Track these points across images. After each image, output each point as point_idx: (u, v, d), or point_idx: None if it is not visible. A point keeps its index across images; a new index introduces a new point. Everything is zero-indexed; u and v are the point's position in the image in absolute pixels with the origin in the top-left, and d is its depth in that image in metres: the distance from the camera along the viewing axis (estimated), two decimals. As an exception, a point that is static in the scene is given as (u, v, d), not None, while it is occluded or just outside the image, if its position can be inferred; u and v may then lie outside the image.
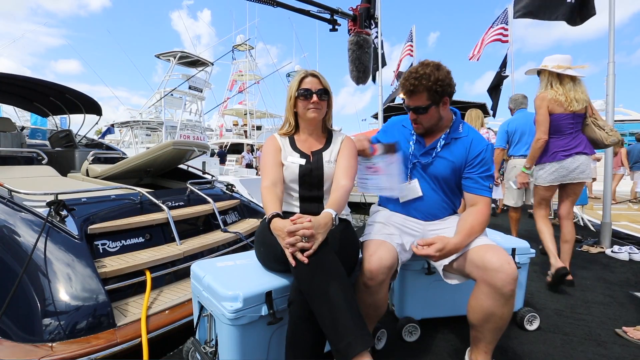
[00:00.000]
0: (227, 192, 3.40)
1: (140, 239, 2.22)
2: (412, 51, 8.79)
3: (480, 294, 1.36)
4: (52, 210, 1.93)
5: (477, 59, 9.09)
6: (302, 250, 1.22)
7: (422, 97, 1.53)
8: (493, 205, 6.69)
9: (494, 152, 3.68)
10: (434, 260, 1.42)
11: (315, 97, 1.54)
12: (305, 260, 1.20)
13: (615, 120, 4.02)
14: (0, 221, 1.91)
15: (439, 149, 1.61)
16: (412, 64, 9.80)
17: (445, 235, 1.48)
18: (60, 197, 2.03)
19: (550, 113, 2.53)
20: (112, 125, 15.27)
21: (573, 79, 2.53)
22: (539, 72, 2.68)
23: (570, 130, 2.54)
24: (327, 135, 1.68)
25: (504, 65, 8.93)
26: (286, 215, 1.35)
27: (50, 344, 1.51)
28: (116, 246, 2.09)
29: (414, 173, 1.66)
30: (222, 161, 14.41)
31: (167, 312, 1.84)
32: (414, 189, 1.65)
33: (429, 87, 1.49)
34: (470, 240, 1.45)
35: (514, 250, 1.93)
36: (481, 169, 1.57)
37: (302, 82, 1.56)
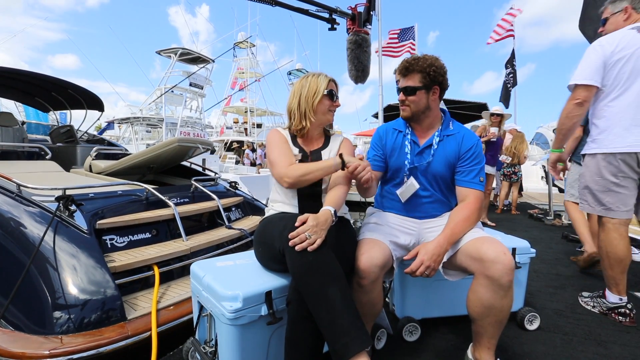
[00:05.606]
0: (230, 189, 3.43)
1: (147, 235, 2.24)
2: (413, 49, 8.80)
3: (478, 286, 1.38)
4: (61, 205, 1.95)
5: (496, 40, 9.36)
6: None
7: (414, 78, 1.59)
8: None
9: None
10: (432, 271, 1.43)
11: (338, 101, 1.66)
12: (310, 248, 1.21)
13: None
14: (9, 214, 1.93)
15: (435, 146, 1.65)
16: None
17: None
18: (68, 192, 2.04)
19: None
20: (112, 122, 15.22)
21: None
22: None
23: None
24: (325, 136, 1.75)
25: (510, 61, 9.09)
26: (284, 215, 1.36)
27: (60, 336, 1.53)
28: (124, 241, 2.11)
29: (411, 173, 1.69)
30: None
31: (172, 307, 1.85)
32: (411, 185, 1.69)
33: (423, 68, 1.56)
34: (457, 235, 1.47)
35: (514, 249, 1.94)
36: (472, 163, 1.62)
37: (330, 83, 1.63)
